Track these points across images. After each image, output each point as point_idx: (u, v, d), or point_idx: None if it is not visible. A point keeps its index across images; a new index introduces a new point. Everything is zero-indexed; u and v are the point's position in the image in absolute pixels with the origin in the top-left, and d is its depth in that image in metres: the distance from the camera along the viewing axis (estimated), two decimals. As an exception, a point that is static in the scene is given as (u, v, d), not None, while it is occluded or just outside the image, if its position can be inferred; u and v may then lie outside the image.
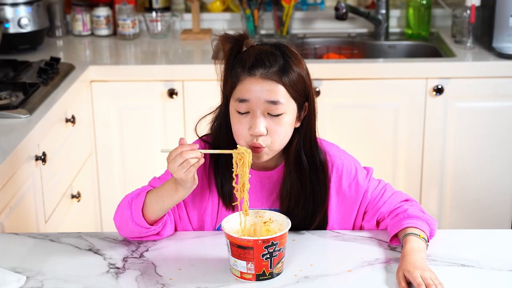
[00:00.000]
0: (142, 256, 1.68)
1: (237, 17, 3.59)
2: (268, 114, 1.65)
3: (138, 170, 3.11)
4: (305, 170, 1.73)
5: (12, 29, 3.14)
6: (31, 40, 3.23)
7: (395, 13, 3.58)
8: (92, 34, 3.56)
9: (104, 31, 3.53)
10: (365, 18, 3.45)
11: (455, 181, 3.13)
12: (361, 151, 2.26)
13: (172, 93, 3.02)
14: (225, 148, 1.70)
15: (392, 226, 1.72)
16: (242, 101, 1.65)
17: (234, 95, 1.66)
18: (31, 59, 3.05)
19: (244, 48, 1.69)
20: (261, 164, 1.73)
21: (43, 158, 2.38)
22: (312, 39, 3.54)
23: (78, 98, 2.89)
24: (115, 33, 3.55)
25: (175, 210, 1.77)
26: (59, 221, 2.60)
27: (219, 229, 1.76)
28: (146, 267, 1.63)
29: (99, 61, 3.17)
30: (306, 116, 1.71)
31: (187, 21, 3.61)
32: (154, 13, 3.46)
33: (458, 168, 3.11)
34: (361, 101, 3.07)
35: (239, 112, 1.66)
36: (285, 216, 1.62)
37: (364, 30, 3.58)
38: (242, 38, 1.69)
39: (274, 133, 1.66)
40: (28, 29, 3.17)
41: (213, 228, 1.78)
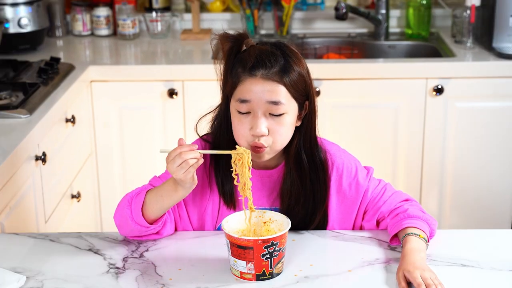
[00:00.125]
0: (142, 256, 1.68)
1: (237, 17, 3.58)
2: (270, 114, 1.64)
3: (138, 170, 3.11)
4: (305, 169, 1.73)
5: (12, 29, 3.14)
6: (31, 40, 3.23)
7: (395, 13, 3.58)
8: (92, 34, 3.56)
9: (104, 31, 3.53)
10: (365, 18, 3.45)
11: (455, 181, 3.13)
12: (361, 151, 2.25)
13: (172, 93, 3.02)
14: (225, 148, 1.70)
15: (392, 226, 1.72)
16: (243, 101, 1.64)
17: (235, 95, 1.66)
18: (31, 59, 3.04)
19: (244, 48, 1.68)
20: (262, 163, 1.73)
21: (43, 158, 2.38)
22: (312, 39, 3.54)
23: (78, 98, 2.89)
24: (115, 33, 3.55)
25: (175, 209, 1.77)
26: (59, 221, 2.60)
27: (219, 229, 1.76)
28: (146, 267, 1.63)
29: (99, 61, 3.16)
30: (307, 114, 1.71)
31: (187, 21, 3.61)
32: (154, 13, 3.46)
33: (458, 168, 3.11)
34: (361, 101, 3.07)
35: (240, 112, 1.66)
36: (285, 216, 1.62)
37: (364, 30, 3.58)
38: (242, 38, 1.68)
39: (276, 133, 1.66)
40: (28, 29, 3.17)
41: (214, 227, 1.78)
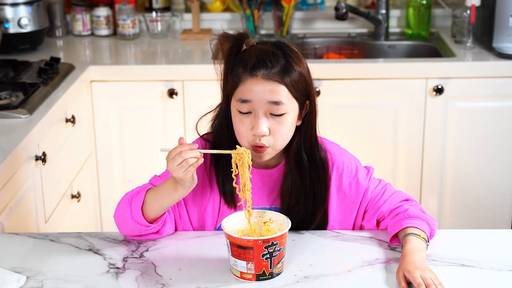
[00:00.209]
0: (142, 256, 1.68)
1: (237, 17, 3.58)
2: (270, 114, 1.64)
3: (138, 170, 3.11)
4: (305, 168, 1.73)
5: (12, 29, 3.14)
6: (31, 40, 3.23)
7: (395, 13, 3.58)
8: (92, 34, 3.55)
9: (104, 31, 3.53)
10: (365, 18, 3.45)
11: (455, 181, 3.13)
12: (361, 151, 2.25)
13: (172, 93, 3.02)
14: (225, 147, 1.70)
15: (392, 226, 1.72)
16: (244, 101, 1.64)
17: (236, 95, 1.66)
18: (31, 59, 3.04)
19: (244, 47, 1.68)
20: (263, 162, 1.73)
21: (43, 158, 2.38)
22: (312, 39, 3.54)
23: (78, 98, 2.89)
24: (115, 33, 3.55)
25: (175, 209, 1.77)
26: (59, 221, 2.60)
27: (220, 228, 1.76)
28: (146, 267, 1.63)
29: (99, 61, 3.16)
30: (307, 114, 1.71)
31: (187, 21, 3.61)
32: (154, 13, 3.46)
33: (458, 168, 3.11)
34: (361, 101, 3.07)
35: (240, 112, 1.66)
36: (285, 216, 1.62)
37: (364, 30, 3.58)
38: (242, 37, 1.68)
39: (277, 133, 1.66)
40: (28, 29, 3.17)
41: (214, 227, 1.78)
